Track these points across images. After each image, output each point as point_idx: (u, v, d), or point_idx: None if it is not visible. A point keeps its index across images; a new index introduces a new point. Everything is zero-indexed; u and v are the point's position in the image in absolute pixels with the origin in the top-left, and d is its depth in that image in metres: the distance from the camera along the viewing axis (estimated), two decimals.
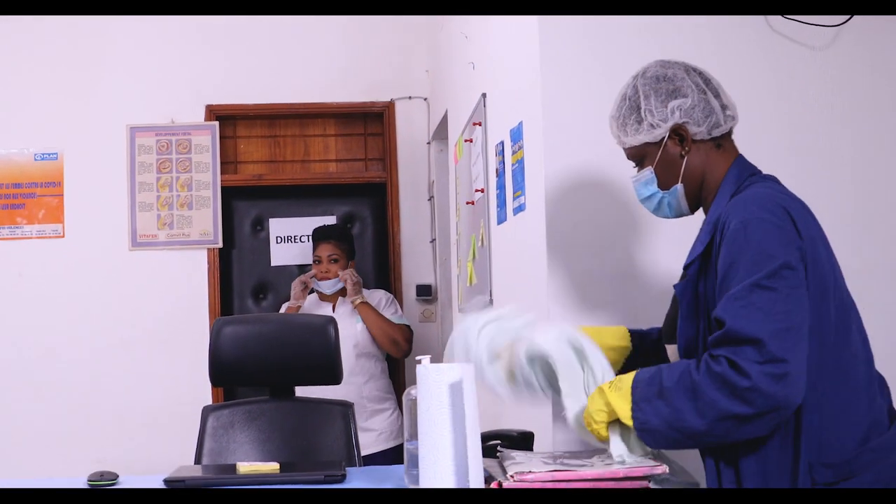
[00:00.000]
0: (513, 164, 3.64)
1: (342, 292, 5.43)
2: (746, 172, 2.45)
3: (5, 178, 5.93)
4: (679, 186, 2.47)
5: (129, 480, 2.89)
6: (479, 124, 4.27)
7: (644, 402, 2.24)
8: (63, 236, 5.89)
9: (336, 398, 3.79)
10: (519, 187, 3.56)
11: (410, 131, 6.30)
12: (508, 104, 3.72)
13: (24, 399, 5.79)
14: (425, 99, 6.28)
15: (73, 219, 5.91)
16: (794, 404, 2.14)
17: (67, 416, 5.78)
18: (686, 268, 2.37)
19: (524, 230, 3.51)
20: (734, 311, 2.16)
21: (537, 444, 2.87)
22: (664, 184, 2.49)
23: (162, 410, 5.84)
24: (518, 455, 2.49)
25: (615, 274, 3.18)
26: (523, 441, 2.80)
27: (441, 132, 5.78)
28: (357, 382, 5.30)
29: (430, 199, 6.19)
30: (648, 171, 2.49)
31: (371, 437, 5.28)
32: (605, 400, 2.30)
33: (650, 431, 2.24)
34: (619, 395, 2.28)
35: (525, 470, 2.28)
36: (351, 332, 5.25)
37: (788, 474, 2.23)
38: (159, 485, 2.73)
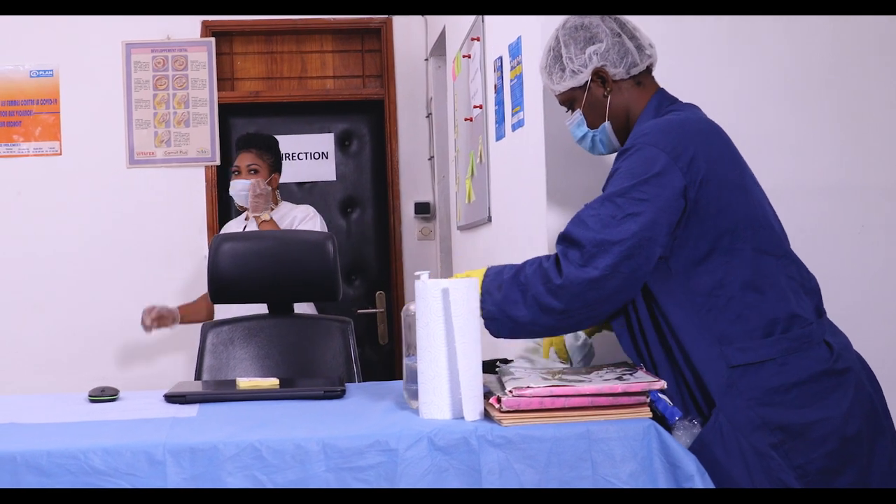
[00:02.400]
0: (511, 80, 3.62)
1: (263, 209, 4.83)
2: (666, 103, 2.64)
3: (1, 95, 5.90)
4: (606, 124, 2.67)
5: (129, 396, 2.91)
6: (478, 40, 4.24)
7: (486, 294, 2.46)
8: (60, 154, 5.87)
9: (334, 316, 3.80)
10: (517, 103, 3.54)
11: (408, 47, 6.25)
12: (507, 19, 3.69)
13: (24, 317, 5.80)
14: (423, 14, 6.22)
15: (71, 136, 5.88)
16: (604, 309, 2.42)
17: (67, 334, 5.79)
18: (603, 190, 2.52)
19: (523, 146, 3.50)
20: (578, 218, 2.42)
21: None
22: (592, 123, 2.69)
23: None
24: (517, 370, 2.51)
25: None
26: None
27: (439, 48, 5.74)
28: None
29: (428, 116, 6.16)
30: (578, 114, 2.70)
31: None
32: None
33: (490, 319, 2.46)
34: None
35: (523, 385, 2.29)
36: None
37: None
38: (160, 400, 2.74)
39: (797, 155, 3.27)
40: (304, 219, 4.80)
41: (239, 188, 4.77)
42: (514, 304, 2.41)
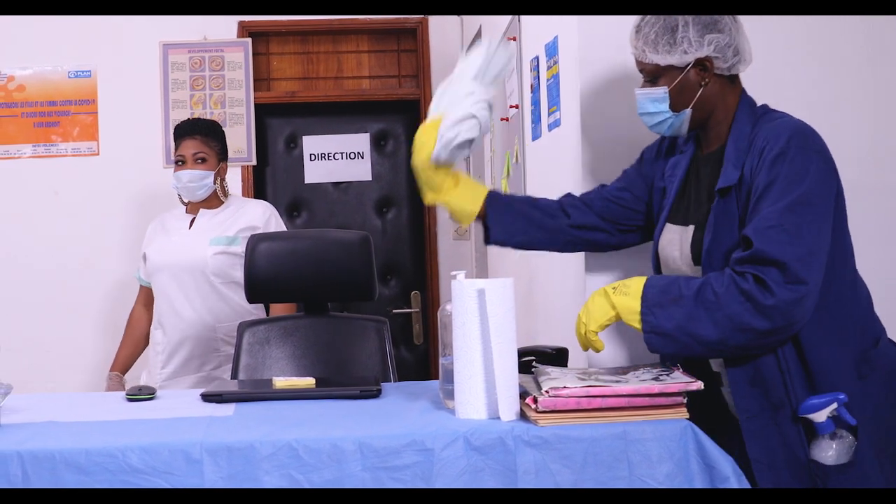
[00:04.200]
0: (548, 80, 3.61)
1: (209, 203, 4.42)
2: (756, 105, 2.59)
3: (39, 95, 5.94)
4: (688, 111, 2.58)
5: (166, 395, 2.92)
6: (514, 39, 4.23)
7: (657, 307, 2.37)
8: (98, 154, 5.90)
9: (369, 316, 3.80)
10: (554, 103, 3.53)
11: (444, 47, 6.25)
12: (543, 19, 3.68)
13: (60, 316, 5.83)
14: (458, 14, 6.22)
15: (108, 136, 5.91)
16: (801, 325, 2.35)
17: (104, 334, 5.82)
18: (721, 191, 2.47)
19: (559, 146, 3.49)
20: (763, 233, 2.33)
21: (572, 361, 2.88)
22: (675, 106, 2.59)
23: None
24: (553, 371, 2.50)
25: None
26: (558, 357, 2.81)
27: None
28: (208, 321, 4.28)
29: None
30: (663, 91, 2.58)
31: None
32: (611, 303, 2.43)
33: (661, 335, 2.37)
34: (627, 298, 2.41)
35: (560, 385, 2.28)
36: (199, 257, 4.28)
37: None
38: (197, 399, 2.76)
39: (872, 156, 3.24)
40: (266, 222, 4.35)
41: (186, 179, 4.28)
42: (698, 322, 2.34)
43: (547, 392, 2.28)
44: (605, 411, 2.28)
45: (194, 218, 4.38)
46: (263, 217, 4.35)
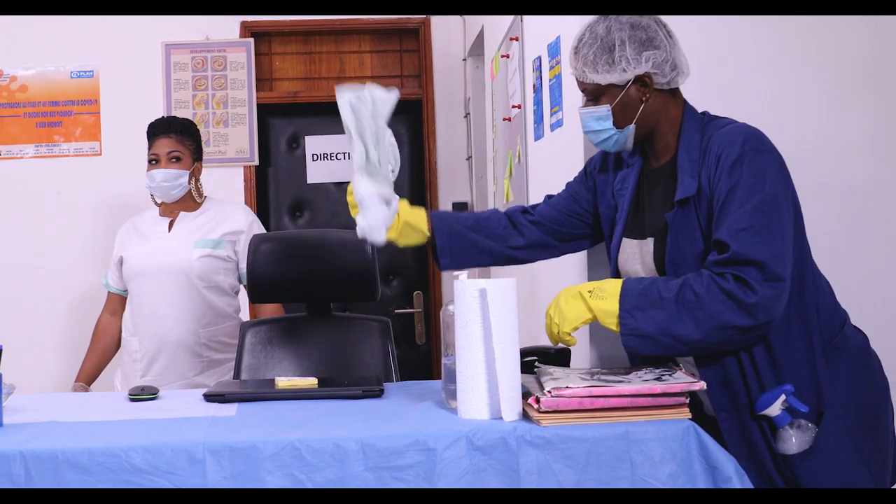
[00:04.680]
0: (550, 80, 3.61)
1: (185, 205, 4.25)
2: (700, 114, 2.65)
3: (42, 95, 5.94)
4: (632, 127, 2.62)
5: (168, 395, 2.92)
6: (517, 39, 4.23)
7: (636, 310, 2.42)
8: (100, 154, 5.90)
9: (372, 316, 3.80)
10: (556, 103, 3.53)
11: (446, 47, 6.25)
12: (546, 19, 3.68)
13: (63, 316, 5.84)
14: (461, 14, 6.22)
15: (111, 136, 5.92)
16: (778, 320, 2.40)
17: None
18: (681, 202, 2.53)
19: (562, 146, 3.49)
20: (737, 235, 2.38)
21: (574, 361, 2.88)
22: (619, 123, 2.63)
23: None
24: (556, 371, 2.50)
25: None
26: (560, 357, 2.81)
27: (477, 48, 5.74)
28: (191, 326, 4.13)
29: (466, 116, 6.16)
30: (605, 109, 2.61)
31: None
32: (587, 306, 2.46)
33: (641, 337, 2.41)
34: (604, 302, 2.45)
35: (562, 385, 2.28)
36: (185, 260, 4.13)
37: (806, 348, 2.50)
38: (199, 399, 2.76)
39: (832, 155, 3.24)
40: (249, 227, 4.21)
41: (160, 179, 4.12)
42: (680, 323, 2.38)
43: (549, 392, 2.28)
44: (608, 411, 2.28)
45: (172, 221, 4.23)
46: (247, 222, 4.23)
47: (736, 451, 2.45)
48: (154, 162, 4.17)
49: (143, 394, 2.82)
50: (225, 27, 6.07)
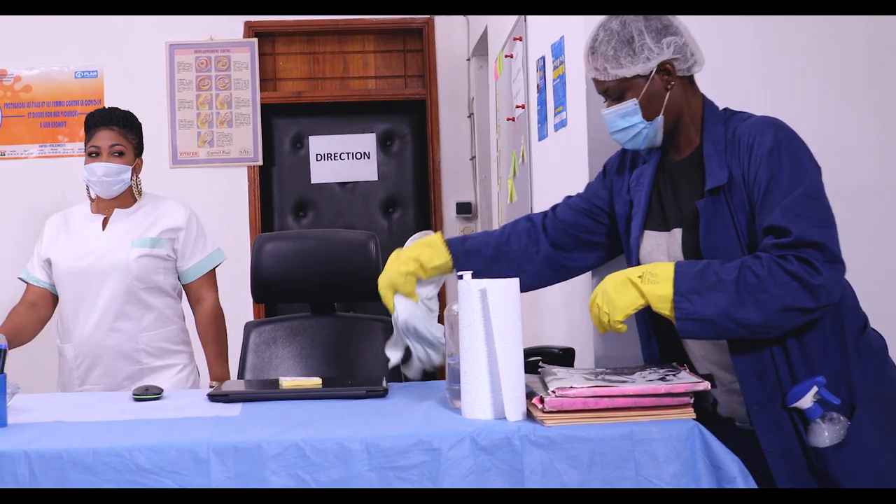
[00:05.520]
0: (554, 80, 3.61)
1: (121, 201, 3.96)
2: (718, 107, 2.66)
3: (46, 95, 5.95)
4: (660, 118, 2.60)
5: (173, 395, 2.92)
6: (520, 39, 4.23)
7: (692, 293, 2.38)
8: None
9: (375, 316, 3.80)
10: (560, 103, 3.53)
11: (450, 47, 6.26)
12: (549, 19, 3.68)
13: None
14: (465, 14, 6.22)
15: None
16: (835, 302, 2.42)
17: None
18: (711, 191, 2.51)
19: (566, 146, 3.49)
20: (795, 220, 2.38)
21: (578, 361, 2.88)
22: (648, 115, 2.60)
23: None
24: (559, 371, 2.50)
25: None
26: (564, 357, 2.81)
27: (481, 48, 5.74)
28: (128, 329, 3.86)
29: (469, 116, 6.16)
30: (632, 103, 2.59)
31: None
32: (639, 291, 2.42)
33: (699, 321, 2.37)
34: (657, 286, 2.40)
35: (566, 385, 2.28)
36: (122, 260, 3.85)
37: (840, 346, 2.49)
38: (203, 399, 2.76)
39: (836, 155, 3.24)
40: (188, 222, 3.98)
41: (101, 173, 3.85)
42: (741, 306, 2.35)
43: (553, 392, 2.27)
44: (612, 411, 2.28)
45: (106, 218, 3.95)
46: (185, 217, 3.99)
47: (768, 445, 2.45)
48: (94, 155, 3.88)
49: (147, 394, 2.82)
50: (229, 27, 6.08)
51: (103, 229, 3.92)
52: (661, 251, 2.64)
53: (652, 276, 2.42)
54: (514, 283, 2.36)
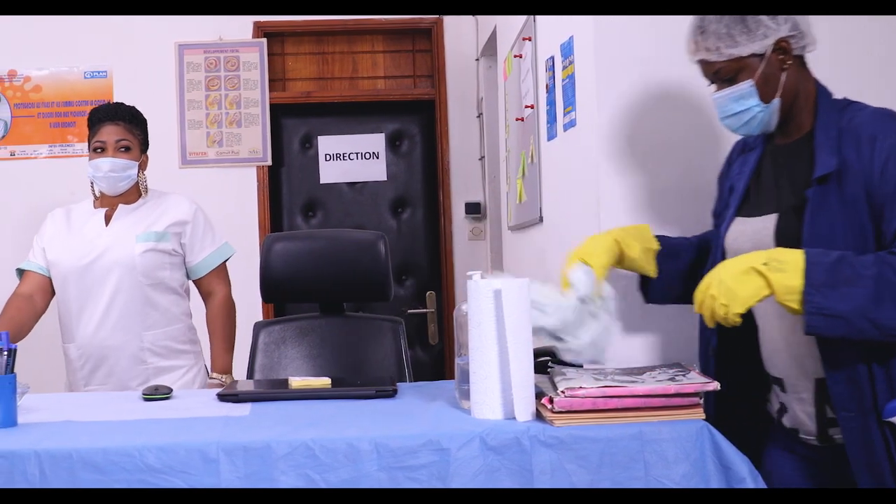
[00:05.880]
0: (563, 80, 3.61)
1: (126, 197, 3.92)
2: (832, 93, 2.49)
3: (56, 96, 5.96)
4: (777, 101, 2.46)
5: (182, 395, 2.93)
6: (529, 39, 4.23)
7: (826, 287, 2.21)
8: None
9: (385, 316, 3.80)
10: (570, 103, 3.53)
11: (459, 47, 6.25)
12: (558, 19, 3.68)
13: None
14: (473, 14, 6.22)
15: None
16: None
17: None
18: (820, 179, 2.37)
19: (575, 146, 3.48)
20: None
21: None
22: (765, 98, 2.45)
23: None
24: (569, 371, 2.50)
25: (667, 190, 3.15)
26: None
27: (490, 48, 5.73)
28: (134, 330, 3.80)
29: (478, 116, 6.15)
30: (748, 85, 2.44)
31: None
32: (765, 281, 2.25)
33: (831, 317, 2.20)
34: (784, 276, 2.23)
35: (576, 385, 2.28)
36: (127, 255, 3.79)
37: None
38: (213, 399, 2.76)
39: None
40: (194, 216, 3.94)
41: (107, 168, 3.80)
42: (881, 305, 2.18)
43: (563, 392, 2.27)
44: (621, 411, 2.28)
45: (109, 213, 3.89)
46: (190, 211, 3.93)
47: (853, 454, 2.33)
48: (99, 150, 3.82)
49: (156, 393, 2.82)
50: (238, 27, 6.08)
51: (106, 225, 3.86)
52: (746, 238, 2.53)
53: (779, 264, 2.24)
54: (526, 283, 2.36)
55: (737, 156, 2.72)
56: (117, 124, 3.84)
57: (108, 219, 3.88)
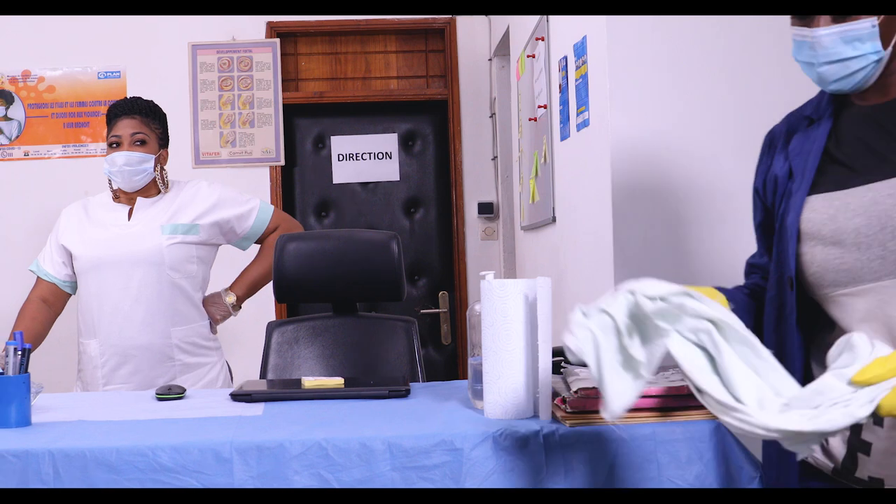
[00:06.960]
0: (576, 80, 3.61)
1: (145, 192, 3.84)
2: None
3: (69, 96, 5.97)
4: (889, 50, 1.98)
5: (195, 394, 2.93)
6: (542, 39, 4.23)
7: None
8: None
9: (398, 316, 3.80)
10: (583, 103, 3.52)
11: (472, 47, 6.26)
12: (571, 19, 3.68)
13: None
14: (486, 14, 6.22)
15: None
16: None
17: None
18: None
19: (588, 146, 3.48)
20: None
21: None
22: (887, 42, 1.97)
23: (226, 326, 5.90)
24: (582, 371, 2.49)
25: (681, 190, 3.15)
26: None
27: (503, 48, 5.74)
28: (161, 326, 3.73)
29: (491, 116, 6.15)
30: (868, 24, 1.94)
31: None
32: None
33: None
34: None
35: (589, 386, 2.28)
36: (154, 248, 3.71)
37: None
38: (226, 399, 2.76)
39: None
40: (218, 197, 3.87)
41: (122, 162, 3.72)
42: None
43: (576, 392, 2.27)
44: (635, 412, 2.27)
45: (131, 209, 3.81)
46: (209, 191, 3.87)
47: None
48: (115, 145, 3.74)
49: (170, 393, 2.83)
50: (251, 27, 6.09)
51: (129, 219, 3.78)
52: (849, 210, 2.00)
53: None
54: (547, 282, 2.34)
55: (776, 149, 2.26)
56: (133, 118, 3.77)
57: (129, 213, 3.80)
